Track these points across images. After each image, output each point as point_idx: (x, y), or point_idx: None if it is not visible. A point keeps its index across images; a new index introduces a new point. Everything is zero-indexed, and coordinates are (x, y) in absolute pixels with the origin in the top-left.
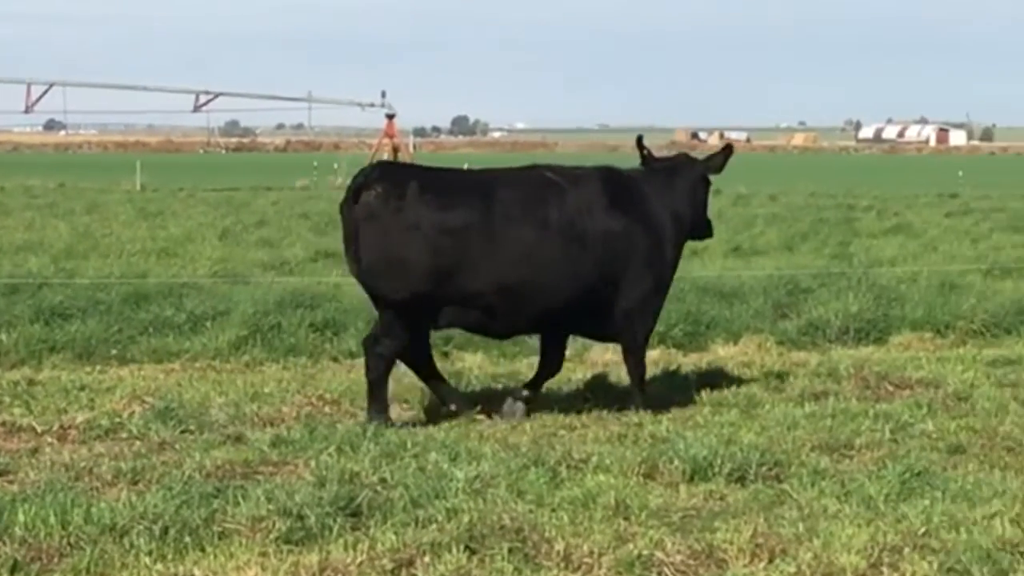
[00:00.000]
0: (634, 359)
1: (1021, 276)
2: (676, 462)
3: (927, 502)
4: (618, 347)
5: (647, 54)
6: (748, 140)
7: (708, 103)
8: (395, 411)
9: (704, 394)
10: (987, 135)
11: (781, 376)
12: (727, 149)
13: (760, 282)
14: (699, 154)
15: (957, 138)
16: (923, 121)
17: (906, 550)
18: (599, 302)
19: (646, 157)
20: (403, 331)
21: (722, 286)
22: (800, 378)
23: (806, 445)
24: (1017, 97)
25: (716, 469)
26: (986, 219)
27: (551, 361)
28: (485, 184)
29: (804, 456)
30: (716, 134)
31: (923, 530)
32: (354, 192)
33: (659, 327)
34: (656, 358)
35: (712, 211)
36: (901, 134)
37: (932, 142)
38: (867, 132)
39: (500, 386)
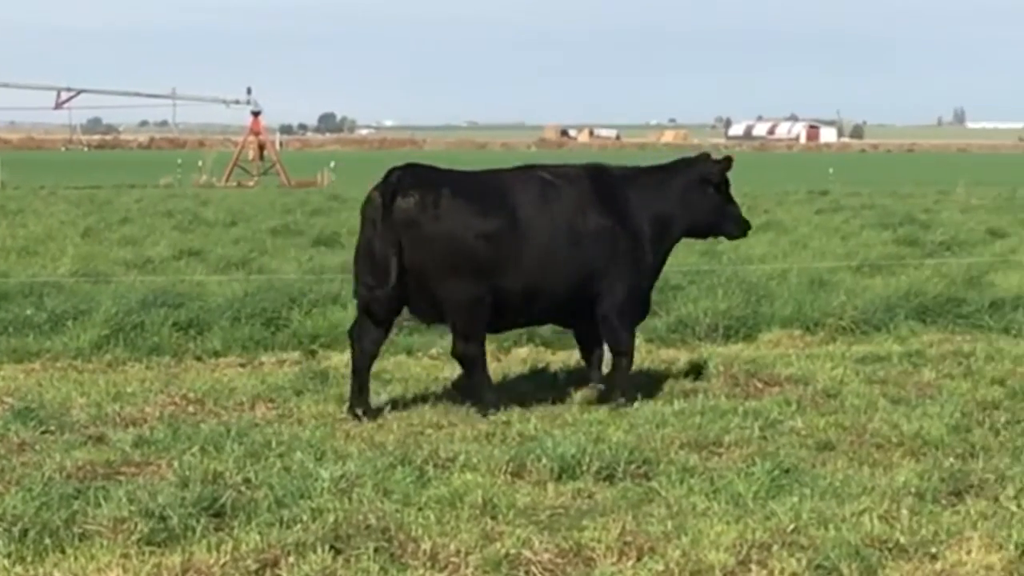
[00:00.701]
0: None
1: (891, 273)
2: (544, 460)
3: (796, 499)
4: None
5: (516, 51)
6: (618, 137)
7: (578, 100)
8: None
9: (573, 392)
10: (857, 132)
11: (650, 374)
12: (726, 160)
13: None
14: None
15: (828, 135)
16: (793, 118)
17: (775, 547)
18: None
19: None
20: (477, 328)
21: None
22: (670, 376)
23: (675, 443)
24: (887, 95)
25: (584, 467)
26: (856, 216)
27: (592, 345)
28: (505, 186)
29: (673, 454)
30: (586, 131)
31: (792, 527)
32: (387, 198)
33: None
34: (524, 356)
35: None
36: (771, 131)
37: (803, 139)
38: (737, 129)
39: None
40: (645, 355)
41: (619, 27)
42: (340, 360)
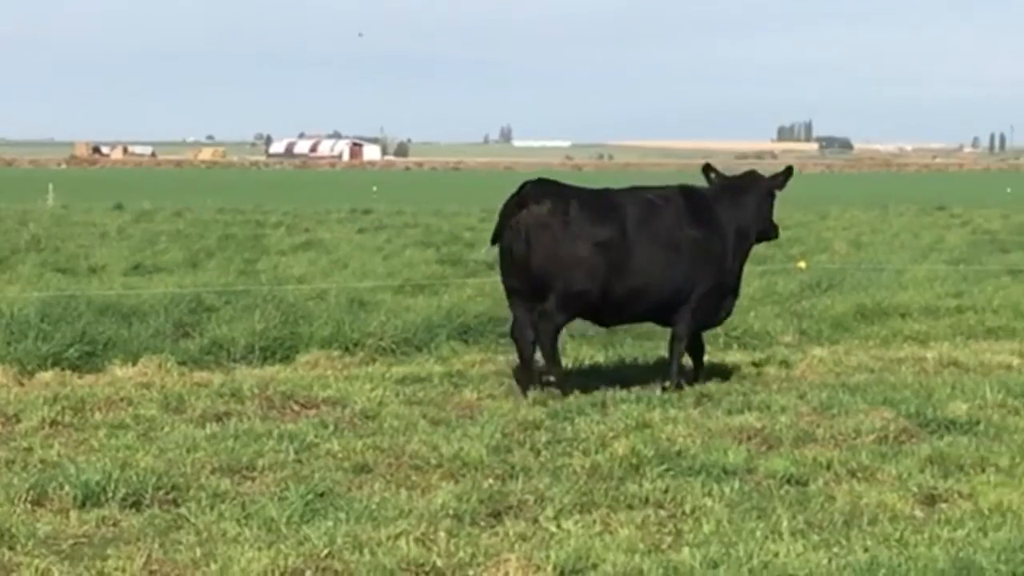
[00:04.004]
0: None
1: (432, 292)
2: (67, 488)
3: (330, 523)
4: None
5: (41, 66)
6: (153, 154)
7: (111, 116)
8: None
9: (99, 417)
10: (402, 150)
11: (182, 397)
12: (788, 171)
13: (161, 300)
14: None
15: (372, 153)
16: (337, 136)
17: (308, 572)
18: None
19: (713, 178)
20: (565, 315)
21: (121, 305)
22: (202, 399)
23: (206, 467)
24: (433, 112)
25: (110, 494)
26: (399, 235)
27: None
28: (620, 202)
29: (204, 479)
30: (120, 148)
31: (326, 552)
32: (518, 202)
33: (52, 348)
34: (48, 380)
35: (113, 228)
36: (314, 148)
37: (346, 157)
38: (278, 147)
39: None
40: (178, 378)
41: (151, 42)
42: None
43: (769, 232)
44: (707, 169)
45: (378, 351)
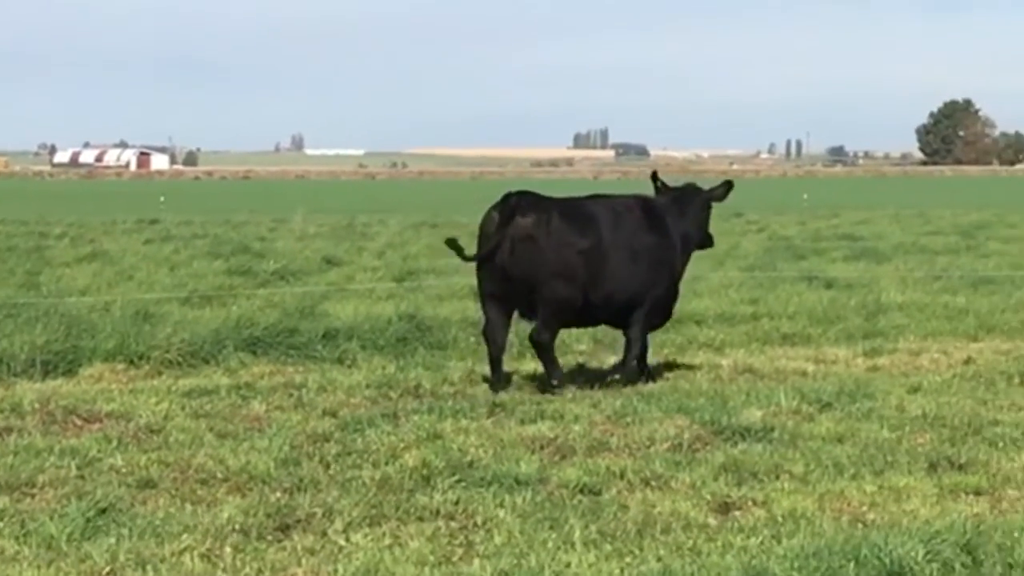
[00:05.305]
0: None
1: (221, 304)
2: None
3: (113, 540)
4: None
5: None
6: None
7: None
8: None
9: None
10: (191, 159)
11: None
12: (728, 184)
13: None
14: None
15: (160, 162)
16: (123, 145)
17: None
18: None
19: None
20: (558, 322)
21: None
22: None
23: None
24: (223, 120)
25: None
26: (187, 246)
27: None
28: (595, 212)
29: None
30: None
31: (107, 569)
32: (505, 215)
33: None
34: None
35: None
36: (100, 158)
37: (133, 166)
38: (63, 156)
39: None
40: None
41: None
42: None
43: (705, 242)
44: (654, 177)
45: (164, 364)
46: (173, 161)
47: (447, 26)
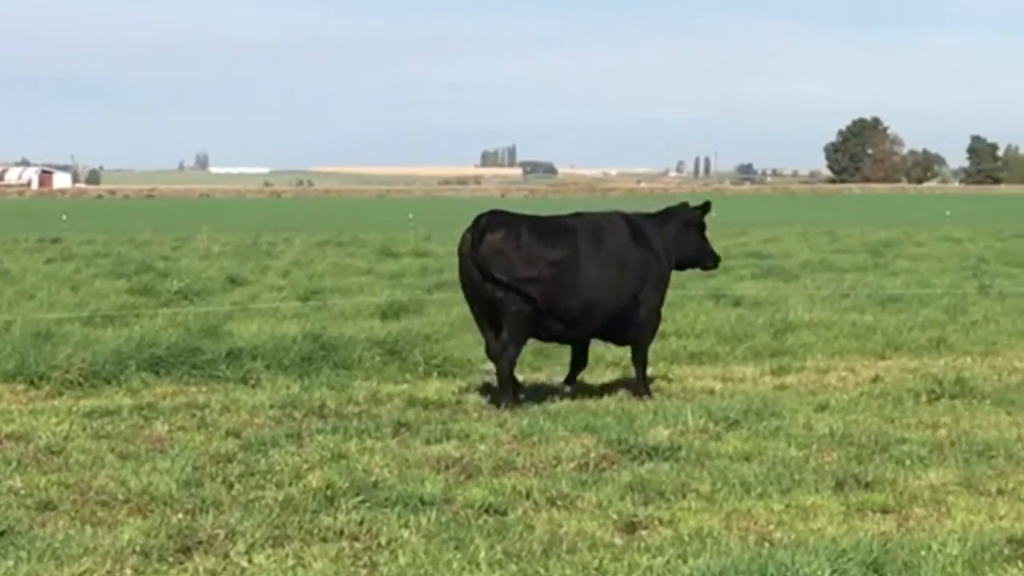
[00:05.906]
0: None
1: (124, 323)
2: None
3: (11, 563)
4: None
5: None
6: None
7: None
8: None
9: None
10: (94, 178)
11: None
12: (706, 205)
13: None
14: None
15: (62, 181)
16: (25, 163)
17: None
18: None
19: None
20: (523, 339)
21: None
22: None
23: None
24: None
25: None
26: (89, 265)
27: (580, 359)
28: (568, 226)
29: None
30: None
31: None
32: (477, 236)
33: None
34: None
35: None
36: (1, 177)
37: (35, 185)
38: None
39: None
40: None
41: None
42: None
43: (706, 260)
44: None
45: (65, 384)
46: (76, 179)
47: (353, 44)
